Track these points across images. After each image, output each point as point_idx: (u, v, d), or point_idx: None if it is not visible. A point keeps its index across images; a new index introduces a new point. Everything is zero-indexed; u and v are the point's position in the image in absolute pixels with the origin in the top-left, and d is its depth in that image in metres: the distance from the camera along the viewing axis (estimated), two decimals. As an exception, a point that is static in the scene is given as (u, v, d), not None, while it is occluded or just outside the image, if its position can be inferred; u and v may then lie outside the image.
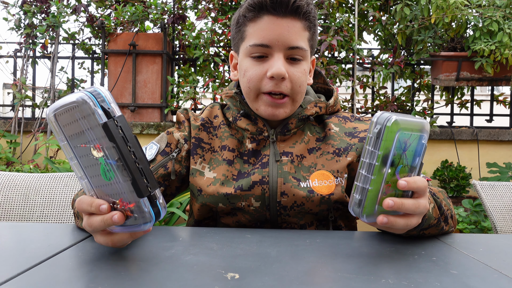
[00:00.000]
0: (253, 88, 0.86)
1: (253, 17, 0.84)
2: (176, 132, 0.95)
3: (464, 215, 2.47)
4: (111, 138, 0.49)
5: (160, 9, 2.96)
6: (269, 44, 0.83)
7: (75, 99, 0.49)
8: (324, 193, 0.85)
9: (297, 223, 0.88)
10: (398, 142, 0.55)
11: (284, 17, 0.82)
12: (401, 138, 0.55)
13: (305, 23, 0.85)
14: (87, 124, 0.50)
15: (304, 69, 0.87)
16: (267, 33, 0.83)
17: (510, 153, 2.93)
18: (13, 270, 0.51)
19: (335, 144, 0.90)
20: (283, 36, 0.82)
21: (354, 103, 2.93)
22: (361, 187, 0.56)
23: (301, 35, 0.85)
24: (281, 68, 0.82)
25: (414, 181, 0.58)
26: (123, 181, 0.50)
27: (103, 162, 0.51)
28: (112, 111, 0.50)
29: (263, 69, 0.84)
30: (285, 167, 0.87)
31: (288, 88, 0.85)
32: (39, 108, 3.02)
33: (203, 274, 0.51)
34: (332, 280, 0.50)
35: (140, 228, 0.53)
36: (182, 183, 0.94)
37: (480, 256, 0.62)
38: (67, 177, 1.31)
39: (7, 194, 1.25)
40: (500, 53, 2.52)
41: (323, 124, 0.95)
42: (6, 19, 3.01)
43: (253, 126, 0.91)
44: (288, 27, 0.83)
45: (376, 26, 2.98)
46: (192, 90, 2.87)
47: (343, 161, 0.88)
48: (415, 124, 0.57)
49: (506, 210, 1.39)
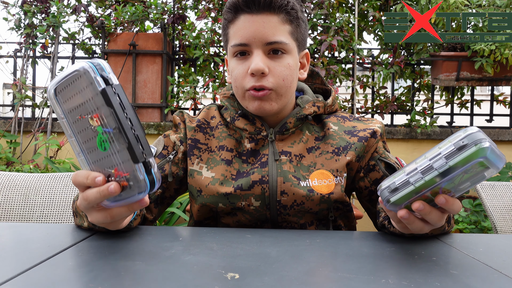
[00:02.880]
0: (239, 86, 0.87)
1: (232, 19, 0.86)
2: (173, 135, 0.95)
3: (464, 215, 2.48)
4: (108, 103, 0.50)
5: (160, 9, 2.96)
6: (247, 42, 0.84)
7: (77, 67, 0.51)
8: (324, 192, 0.85)
9: (297, 222, 0.88)
10: (470, 167, 0.51)
11: (259, 13, 0.83)
12: (475, 164, 0.51)
13: (283, 17, 0.84)
14: (87, 94, 0.51)
15: (288, 63, 0.86)
16: (244, 32, 0.84)
17: (510, 153, 2.93)
18: (13, 270, 0.51)
19: (334, 143, 0.90)
20: (259, 33, 0.83)
21: (354, 103, 2.93)
22: (406, 180, 0.55)
23: (279, 29, 0.84)
24: (258, 63, 0.82)
25: (453, 203, 0.56)
26: (118, 150, 0.52)
27: (100, 131, 0.52)
28: (110, 79, 0.51)
29: (245, 67, 0.85)
30: (284, 166, 0.87)
31: (270, 82, 0.84)
32: (39, 108, 3.02)
33: (203, 274, 0.51)
34: (332, 280, 0.50)
35: (135, 197, 0.53)
36: (180, 185, 0.95)
37: (480, 256, 0.62)
38: (67, 177, 1.31)
39: (7, 194, 1.25)
40: (500, 53, 2.52)
41: (322, 123, 0.95)
42: (6, 19, 3.01)
43: (251, 126, 0.91)
44: (263, 23, 0.83)
45: (376, 26, 2.98)
46: (192, 90, 2.87)
47: (342, 160, 0.88)
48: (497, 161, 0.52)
49: (506, 210, 1.39)
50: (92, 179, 0.54)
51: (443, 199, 0.55)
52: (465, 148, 0.50)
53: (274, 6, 0.83)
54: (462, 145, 0.51)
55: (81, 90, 0.52)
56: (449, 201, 0.56)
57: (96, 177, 0.54)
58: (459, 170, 0.52)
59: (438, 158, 0.52)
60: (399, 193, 0.55)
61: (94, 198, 0.55)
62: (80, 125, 0.54)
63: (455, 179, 0.53)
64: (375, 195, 0.91)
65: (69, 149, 2.94)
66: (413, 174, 0.54)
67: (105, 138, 0.52)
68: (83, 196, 0.57)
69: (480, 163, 0.51)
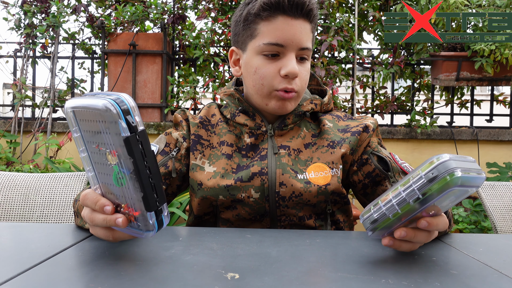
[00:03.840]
0: (267, 85, 0.89)
1: (267, 16, 0.86)
2: (174, 132, 0.97)
3: (464, 215, 2.48)
4: (130, 152, 0.48)
5: (160, 9, 2.96)
6: (284, 43, 0.86)
7: (99, 105, 0.48)
8: (320, 183, 0.88)
9: (296, 215, 0.89)
10: (446, 194, 0.50)
11: (298, 18, 0.86)
12: (451, 192, 0.50)
13: (312, 26, 0.90)
14: (107, 129, 0.49)
15: (308, 68, 0.92)
16: (282, 33, 0.86)
17: (510, 153, 2.93)
18: (13, 270, 0.51)
19: (329, 137, 0.94)
20: (296, 37, 0.86)
21: (354, 103, 2.93)
22: (383, 212, 0.54)
23: (309, 36, 0.89)
24: (295, 67, 0.86)
25: (437, 223, 0.56)
26: (133, 190, 0.51)
27: (117, 170, 0.51)
28: (136, 125, 0.49)
29: (277, 67, 0.88)
30: (283, 159, 0.90)
31: (298, 85, 0.89)
32: (39, 108, 3.02)
33: (203, 274, 0.51)
34: (332, 280, 0.50)
35: (142, 235, 0.53)
36: (183, 182, 0.96)
37: (480, 256, 0.62)
38: (67, 177, 1.31)
39: (7, 194, 1.25)
40: (500, 53, 2.52)
41: (318, 121, 0.98)
42: (6, 19, 3.01)
43: (251, 121, 0.94)
44: (301, 28, 0.86)
45: (376, 26, 2.98)
46: (192, 90, 2.87)
47: (337, 152, 0.91)
48: (474, 182, 0.50)
49: (506, 210, 1.39)
50: (101, 207, 0.54)
51: (425, 223, 0.55)
52: (436, 179, 0.49)
53: (311, 15, 0.87)
54: (432, 177, 0.50)
55: (101, 122, 0.49)
56: (432, 223, 0.55)
57: (105, 205, 0.54)
58: (434, 199, 0.51)
59: (411, 190, 0.52)
60: (379, 224, 0.55)
61: (99, 223, 0.56)
62: (97, 155, 0.53)
63: (434, 204, 0.52)
64: (369, 189, 0.93)
65: (69, 149, 2.94)
66: (389, 206, 0.54)
67: (122, 176, 0.51)
68: (90, 218, 0.57)
69: (458, 190, 0.50)
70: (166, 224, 0.53)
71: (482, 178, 0.51)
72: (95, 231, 0.60)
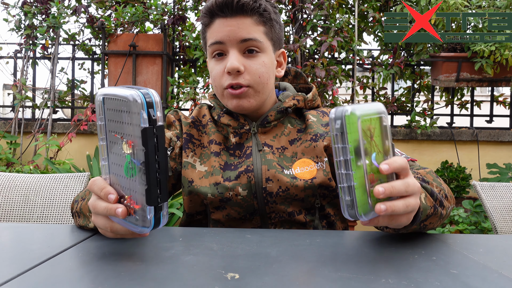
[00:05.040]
0: (218, 85, 0.92)
1: (208, 23, 0.92)
2: (168, 132, 0.99)
3: (464, 216, 2.47)
4: (144, 143, 0.50)
5: (160, 10, 2.97)
6: (222, 40, 0.89)
7: (127, 95, 0.51)
8: (306, 178, 0.89)
9: (285, 211, 0.90)
10: (362, 131, 0.53)
11: (233, 16, 0.89)
12: (364, 126, 0.53)
13: (257, 18, 0.90)
14: (129, 119, 0.52)
15: (263, 61, 0.91)
16: (219, 32, 0.89)
17: (510, 154, 2.93)
18: (13, 270, 0.51)
19: (312, 131, 0.94)
20: (233, 32, 0.88)
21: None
22: (347, 186, 0.54)
23: (253, 29, 0.90)
24: (234, 62, 0.87)
25: (394, 161, 0.56)
26: (139, 182, 0.52)
27: (128, 159, 0.53)
28: (156, 119, 0.51)
29: (222, 66, 0.90)
30: (268, 156, 0.91)
31: (246, 80, 0.89)
32: (39, 109, 3.02)
33: (203, 274, 0.51)
34: (332, 280, 0.50)
35: (137, 229, 0.54)
36: (178, 180, 0.97)
37: (480, 256, 0.62)
38: (67, 178, 1.31)
39: (7, 195, 1.26)
40: (500, 54, 2.52)
41: (303, 116, 0.99)
42: (7, 20, 3.02)
43: (234, 121, 0.96)
44: (238, 24, 0.88)
45: (376, 27, 2.99)
46: (192, 91, 2.88)
47: (320, 145, 0.92)
48: (371, 108, 0.55)
49: (506, 210, 1.39)
50: (105, 194, 0.56)
51: (385, 165, 0.55)
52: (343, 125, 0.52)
53: (247, 9, 0.88)
54: (339, 126, 0.52)
55: (125, 112, 0.52)
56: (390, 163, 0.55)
57: (109, 193, 0.56)
58: (360, 141, 0.53)
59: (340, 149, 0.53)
60: (356, 201, 0.54)
61: (100, 211, 0.57)
62: (114, 138, 0.55)
63: (373, 148, 0.55)
64: None
65: (69, 150, 2.94)
66: (343, 177, 0.54)
67: (133, 166, 0.52)
68: (93, 204, 0.59)
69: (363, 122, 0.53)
70: (164, 224, 0.54)
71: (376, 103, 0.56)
72: (96, 220, 0.61)
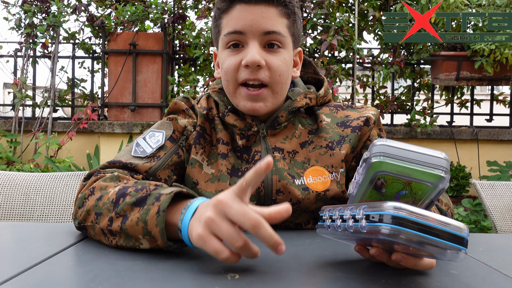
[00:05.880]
0: (231, 80, 0.82)
1: (226, 8, 0.82)
2: (182, 119, 0.88)
3: (464, 214, 2.47)
4: None
5: (160, 8, 2.96)
6: (242, 30, 0.79)
7: None
8: (319, 189, 0.82)
9: (293, 222, 0.85)
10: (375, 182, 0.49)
11: (257, 4, 0.79)
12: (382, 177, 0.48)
13: (282, 9, 0.81)
14: None
15: (284, 58, 0.82)
16: (239, 20, 0.79)
17: (510, 152, 2.93)
18: (13, 269, 0.51)
19: (328, 137, 0.86)
20: (256, 22, 0.79)
21: (354, 102, 2.93)
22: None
23: (278, 21, 0.81)
24: (255, 55, 0.78)
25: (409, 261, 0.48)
26: None
27: None
28: None
29: (239, 58, 0.80)
30: (279, 163, 0.83)
31: (266, 76, 0.80)
32: (39, 107, 3.02)
33: (203, 274, 0.51)
34: (332, 280, 0.50)
35: None
36: (180, 176, 0.89)
37: (480, 256, 0.62)
38: (67, 177, 1.31)
39: (7, 194, 1.26)
40: (500, 53, 2.52)
41: (315, 115, 0.90)
42: (7, 19, 3.01)
43: (241, 122, 0.86)
44: (262, 13, 0.79)
45: (376, 25, 2.98)
46: (192, 90, 2.87)
47: (337, 155, 0.84)
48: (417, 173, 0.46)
49: (506, 209, 1.39)
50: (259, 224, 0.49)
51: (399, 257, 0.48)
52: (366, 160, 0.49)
53: None
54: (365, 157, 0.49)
55: None
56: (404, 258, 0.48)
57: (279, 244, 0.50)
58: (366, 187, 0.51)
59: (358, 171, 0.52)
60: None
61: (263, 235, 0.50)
62: None
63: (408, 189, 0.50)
64: None
65: (69, 148, 2.94)
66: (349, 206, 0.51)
67: None
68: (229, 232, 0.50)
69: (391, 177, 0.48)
70: None
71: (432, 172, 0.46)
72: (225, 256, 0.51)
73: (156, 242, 0.58)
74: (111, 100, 2.92)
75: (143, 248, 0.60)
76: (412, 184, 0.48)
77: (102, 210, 0.64)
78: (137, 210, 0.60)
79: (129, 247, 0.61)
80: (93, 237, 0.67)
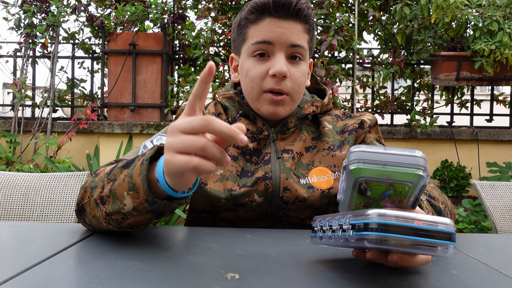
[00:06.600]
0: (256, 86, 0.88)
1: (255, 19, 0.87)
2: None
3: (464, 215, 2.47)
4: None
5: (160, 8, 2.96)
6: (271, 41, 0.85)
7: None
8: (323, 187, 0.87)
9: (298, 217, 0.89)
10: (358, 187, 0.50)
11: (286, 19, 0.86)
12: (363, 182, 0.49)
13: (305, 26, 0.88)
14: None
15: (303, 69, 0.90)
16: (269, 32, 0.86)
17: (510, 153, 2.93)
18: (13, 269, 0.51)
19: (330, 140, 0.93)
20: (285, 35, 0.85)
21: (354, 102, 2.93)
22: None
23: (302, 36, 0.88)
24: (283, 66, 0.84)
25: (413, 261, 0.50)
26: None
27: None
28: None
29: (265, 67, 0.87)
30: (287, 163, 0.89)
31: (288, 87, 0.87)
32: (39, 107, 3.02)
33: (203, 274, 0.51)
34: (332, 280, 0.50)
35: None
36: None
37: (480, 256, 0.62)
38: (67, 177, 1.31)
39: (7, 194, 1.25)
40: (500, 53, 2.52)
41: (318, 122, 0.97)
42: (6, 19, 3.01)
43: (253, 126, 0.92)
44: (290, 27, 0.86)
45: (376, 26, 2.98)
46: (192, 90, 2.87)
47: (339, 156, 0.90)
48: (396, 174, 0.47)
49: (506, 209, 1.39)
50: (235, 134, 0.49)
51: (397, 257, 0.49)
52: (345, 168, 0.49)
53: (301, 15, 0.86)
54: (344, 165, 0.50)
55: None
56: (402, 258, 0.49)
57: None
58: (350, 193, 0.51)
59: (341, 178, 0.53)
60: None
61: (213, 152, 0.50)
62: None
63: (393, 189, 0.50)
64: None
65: (69, 149, 2.94)
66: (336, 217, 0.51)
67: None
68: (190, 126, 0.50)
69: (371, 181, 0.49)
70: None
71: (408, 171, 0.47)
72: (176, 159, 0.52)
73: (139, 197, 0.58)
74: (111, 100, 2.92)
75: (126, 211, 0.60)
76: (394, 184, 0.49)
77: (97, 183, 0.66)
78: (126, 171, 0.61)
79: (115, 212, 0.61)
80: (89, 216, 0.67)
